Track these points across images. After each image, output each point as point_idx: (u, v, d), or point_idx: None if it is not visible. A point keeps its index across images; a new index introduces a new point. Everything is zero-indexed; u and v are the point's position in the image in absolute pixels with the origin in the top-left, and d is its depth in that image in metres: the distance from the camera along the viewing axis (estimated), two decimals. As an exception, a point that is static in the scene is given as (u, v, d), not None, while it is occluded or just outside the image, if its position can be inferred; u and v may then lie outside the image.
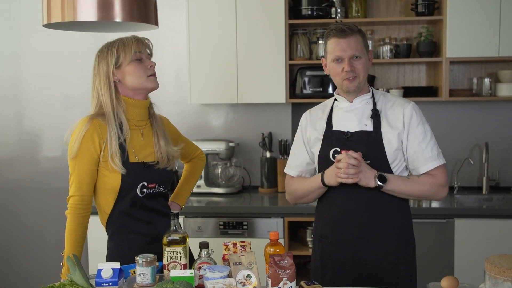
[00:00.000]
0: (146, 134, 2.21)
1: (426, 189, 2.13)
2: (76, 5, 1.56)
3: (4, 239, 4.24)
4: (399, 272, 2.15)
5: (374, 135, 2.14)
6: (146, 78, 2.15)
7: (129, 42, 2.10)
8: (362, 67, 2.14)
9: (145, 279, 1.86)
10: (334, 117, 2.24)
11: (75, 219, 2.10)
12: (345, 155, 2.05)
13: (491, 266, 1.56)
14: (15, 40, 4.15)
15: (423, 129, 2.16)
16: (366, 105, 2.20)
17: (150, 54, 2.20)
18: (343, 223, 2.17)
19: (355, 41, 2.12)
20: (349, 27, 2.12)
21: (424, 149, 2.14)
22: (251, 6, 3.63)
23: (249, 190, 4.01)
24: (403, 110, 2.16)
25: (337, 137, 2.19)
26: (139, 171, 2.14)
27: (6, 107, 4.21)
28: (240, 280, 1.84)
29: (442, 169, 2.16)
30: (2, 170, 4.25)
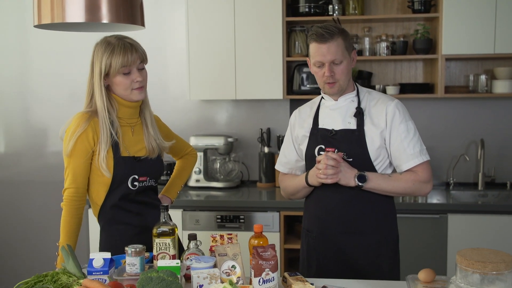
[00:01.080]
0: (136, 131, 2.28)
1: (408, 186, 2.17)
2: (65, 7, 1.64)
3: (10, 230, 4.36)
4: (381, 266, 2.21)
5: (357, 133, 2.19)
6: (130, 91, 2.20)
7: (118, 53, 2.12)
8: (342, 72, 2.16)
9: (134, 268, 1.94)
10: (321, 115, 2.29)
11: (70, 210, 2.18)
12: (324, 156, 2.11)
13: (461, 258, 1.62)
14: (22, 38, 4.25)
15: (405, 126, 2.17)
16: (350, 104, 2.24)
17: (143, 60, 2.21)
18: (327, 218, 2.24)
19: (335, 46, 2.13)
20: (329, 31, 2.12)
21: (406, 146, 2.16)
22: (249, 4, 3.69)
23: (247, 184, 4.08)
24: (386, 108, 2.18)
25: (322, 135, 2.25)
26: (130, 165, 2.22)
27: (13, 103, 4.31)
28: (225, 271, 1.91)
29: (425, 165, 2.19)
30: (9, 165, 4.36)
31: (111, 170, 2.18)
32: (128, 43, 2.15)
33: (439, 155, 3.96)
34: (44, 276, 1.91)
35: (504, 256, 1.61)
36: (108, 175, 2.17)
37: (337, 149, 2.19)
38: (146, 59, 2.22)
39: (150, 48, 4.00)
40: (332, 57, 2.13)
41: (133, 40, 2.19)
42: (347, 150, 2.18)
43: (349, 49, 2.19)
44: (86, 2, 1.64)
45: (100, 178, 2.19)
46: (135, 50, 2.15)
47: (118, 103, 2.22)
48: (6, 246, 4.37)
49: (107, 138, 2.16)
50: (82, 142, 2.15)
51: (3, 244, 4.37)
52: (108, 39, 2.17)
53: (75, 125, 2.16)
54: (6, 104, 4.31)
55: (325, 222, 2.24)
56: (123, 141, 2.23)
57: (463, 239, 3.37)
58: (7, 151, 4.35)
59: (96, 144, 2.16)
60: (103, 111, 2.17)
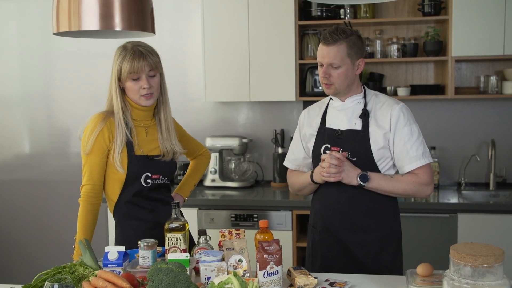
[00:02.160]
0: (150, 132, 2.39)
1: (409, 187, 2.23)
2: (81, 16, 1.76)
3: (35, 226, 4.53)
4: (383, 263, 2.29)
5: (361, 134, 2.26)
6: (139, 97, 2.30)
7: (128, 60, 2.23)
8: (338, 76, 2.23)
9: (146, 261, 2.06)
10: (328, 115, 2.38)
11: (86, 206, 2.32)
12: (328, 155, 2.20)
13: (454, 252, 1.69)
14: (46, 43, 4.41)
15: (409, 129, 2.24)
16: (357, 105, 2.32)
17: (153, 68, 2.28)
18: (330, 215, 2.34)
19: (335, 51, 2.21)
20: (333, 36, 2.21)
21: (409, 149, 2.23)
22: (262, 8, 3.80)
23: (261, 184, 4.18)
24: (391, 111, 2.25)
25: (329, 134, 2.34)
26: (143, 163, 2.34)
27: (37, 106, 4.47)
28: (232, 264, 2.01)
29: (426, 168, 2.25)
30: (33, 164, 4.53)
31: (125, 167, 2.30)
32: (139, 50, 2.24)
33: (451, 155, 4.01)
34: (63, 267, 2.02)
35: (495, 250, 1.68)
36: (122, 172, 2.29)
37: (342, 148, 2.28)
38: (157, 67, 2.30)
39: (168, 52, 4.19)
40: (330, 60, 2.22)
41: (147, 48, 2.28)
42: (351, 150, 2.27)
43: (354, 56, 2.25)
44: (101, 11, 1.77)
45: (115, 175, 2.32)
46: (143, 58, 2.24)
47: (131, 106, 2.34)
48: (31, 240, 4.54)
49: (122, 138, 2.28)
50: (98, 141, 2.27)
51: (29, 238, 4.54)
52: (125, 44, 2.29)
53: (92, 125, 2.29)
54: (31, 107, 4.47)
55: (329, 219, 2.34)
56: (137, 140, 2.34)
57: (473, 238, 3.41)
58: (31, 151, 4.52)
59: (112, 142, 2.28)
60: (119, 112, 2.29)
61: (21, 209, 4.54)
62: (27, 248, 4.56)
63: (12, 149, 4.54)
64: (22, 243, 4.56)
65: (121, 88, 2.32)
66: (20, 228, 4.55)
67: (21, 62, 4.46)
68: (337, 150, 2.28)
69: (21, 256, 4.57)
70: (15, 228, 4.56)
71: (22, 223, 4.55)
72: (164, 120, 2.41)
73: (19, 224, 4.55)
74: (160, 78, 2.35)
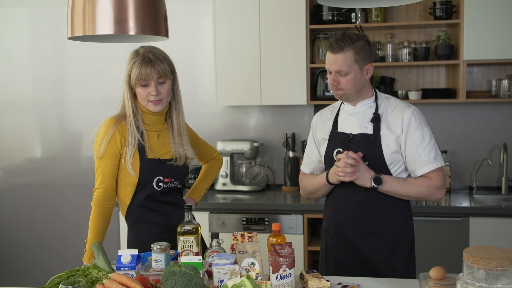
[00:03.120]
0: (162, 136, 2.40)
1: (422, 191, 2.24)
2: (95, 21, 1.78)
3: (46, 230, 4.55)
4: (396, 266, 2.29)
5: (373, 138, 2.27)
6: (147, 102, 2.32)
7: (137, 66, 2.24)
8: (347, 83, 2.25)
9: (159, 264, 2.07)
10: (340, 119, 2.39)
11: (98, 209, 2.33)
12: (344, 155, 2.21)
13: (468, 255, 1.69)
14: (58, 47, 4.44)
15: (421, 133, 2.24)
16: (368, 109, 2.33)
17: (161, 76, 2.27)
18: (343, 218, 2.34)
19: (342, 58, 2.22)
20: (339, 43, 2.22)
21: (421, 153, 2.23)
22: (274, 12, 3.81)
23: (272, 188, 4.19)
24: (402, 115, 2.26)
25: (341, 139, 2.35)
26: (156, 167, 2.35)
27: (49, 110, 4.50)
28: (244, 267, 2.01)
29: (438, 172, 2.26)
30: (45, 168, 4.56)
31: (137, 170, 2.31)
32: (148, 57, 2.25)
33: (462, 159, 4.00)
34: (76, 270, 2.04)
35: (509, 253, 1.67)
36: (134, 175, 2.30)
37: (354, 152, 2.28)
38: (166, 75, 2.29)
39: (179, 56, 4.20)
40: (338, 68, 2.24)
41: (158, 55, 2.28)
42: (363, 154, 2.27)
43: (362, 61, 2.25)
44: (115, 16, 1.78)
45: (127, 178, 2.33)
46: (151, 65, 2.24)
47: (142, 111, 2.36)
48: (43, 244, 4.57)
49: (134, 141, 2.30)
50: (110, 145, 2.29)
51: (40, 242, 4.57)
52: (138, 49, 2.30)
53: (105, 129, 2.30)
54: (43, 111, 4.51)
55: (341, 222, 2.34)
56: (149, 144, 2.35)
57: (485, 242, 3.39)
58: (43, 155, 4.55)
59: (124, 146, 2.30)
60: (131, 116, 2.31)
61: (32, 213, 4.57)
62: (38, 252, 4.59)
63: (24, 153, 4.57)
64: (33, 246, 4.59)
65: (133, 92, 2.34)
66: (31, 231, 4.58)
67: (33, 67, 4.49)
68: None
69: (32, 259, 4.60)
70: (26, 231, 4.59)
71: (33, 226, 4.58)
72: (177, 125, 2.41)
73: (30, 228, 4.58)
74: (171, 84, 2.35)
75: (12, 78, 4.52)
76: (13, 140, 4.57)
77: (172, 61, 2.35)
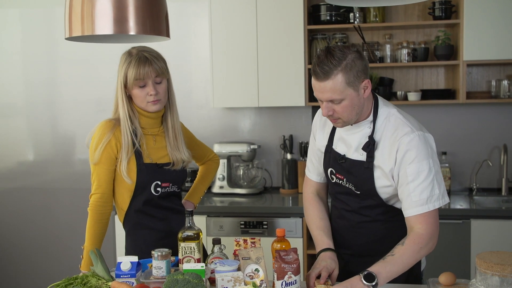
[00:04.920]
0: (158, 140, 2.33)
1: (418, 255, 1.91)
2: (94, 20, 1.72)
3: (40, 235, 4.47)
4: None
5: (365, 166, 2.00)
6: (146, 103, 2.24)
7: (133, 66, 2.17)
8: (343, 110, 1.93)
9: (160, 271, 2.01)
10: (336, 135, 2.13)
11: (94, 215, 2.26)
12: None
13: (481, 261, 1.64)
14: (50, 49, 4.37)
15: (416, 168, 1.90)
16: (366, 130, 2.03)
17: (159, 74, 2.22)
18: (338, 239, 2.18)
19: (331, 86, 1.87)
20: (323, 68, 1.87)
21: (411, 191, 1.90)
22: (271, 13, 3.76)
23: (270, 191, 4.13)
24: (399, 144, 1.93)
25: (334, 158, 2.11)
26: (153, 171, 2.28)
27: (41, 112, 4.43)
28: (248, 274, 1.96)
29: (429, 216, 1.91)
30: (37, 172, 4.49)
31: (133, 176, 2.24)
32: (144, 56, 2.18)
33: (462, 161, 3.96)
34: (74, 278, 1.98)
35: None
36: (129, 182, 2.24)
37: (345, 178, 2.07)
38: (163, 73, 2.24)
39: (174, 57, 4.14)
40: (328, 97, 1.91)
41: (153, 53, 2.22)
42: (354, 182, 2.04)
43: (355, 81, 1.90)
44: (114, 15, 1.72)
45: (124, 183, 2.26)
46: (149, 64, 2.18)
47: (138, 113, 2.28)
48: (36, 250, 4.49)
49: (128, 147, 2.22)
50: (106, 150, 2.22)
51: (34, 248, 4.49)
52: (130, 50, 2.23)
53: (100, 133, 2.23)
54: (35, 113, 4.43)
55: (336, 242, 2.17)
56: (146, 148, 2.28)
57: (487, 244, 3.36)
58: (36, 158, 4.48)
59: (119, 151, 2.23)
60: (125, 120, 2.24)
61: (25, 217, 4.49)
62: (32, 257, 4.51)
63: (16, 157, 4.49)
64: (27, 251, 4.51)
65: (127, 95, 2.26)
66: (24, 235, 4.50)
67: (25, 68, 4.42)
68: (341, 178, 2.09)
69: (25, 264, 4.52)
70: (19, 235, 4.50)
71: (27, 230, 4.50)
72: (172, 127, 2.34)
73: (23, 232, 4.50)
74: (167, 84, 2.29)
75: (4, 80, 4.44)
76: (5, 143, 4.49)
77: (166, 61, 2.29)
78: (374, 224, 2.08)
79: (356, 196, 2.07)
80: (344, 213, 2.14)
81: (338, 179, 2.11)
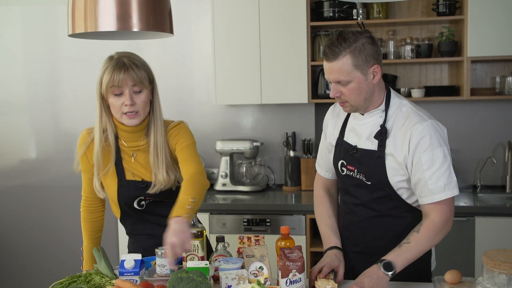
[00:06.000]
0: (138, 158, 2.17)
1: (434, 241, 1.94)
2: (97, 17, 1.70)
3: (42, 234, 4.46)
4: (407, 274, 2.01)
5: (377, 156, 1.99)
6: (121, 115, 2.07)
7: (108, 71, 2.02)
8: (351, 92, 1.94)
9: (164, 269, 1.99)
10: (348, 126, 2.13)
11: (84, 215, 2.29)
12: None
13: (488, 259, 1.63)
14: (52, 47, 4.35)
15: (430, 156, 1.90)
16: (377, 119, 2.03)
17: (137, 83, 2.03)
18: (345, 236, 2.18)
19: (339, 66, 1.91)
20: (333, 49, 1.91)
21: (427, 179, 1.90)
22: (274, 9, 3.74)
23: (273, 188, 4.12)
24: (411, 132, 1.93)
25: (345, 149, 2.10)
26: (134, 188, 2.17)
27: (43, 110, 4.42)
28: (252, 272, 1.95)
29: (445, 204, 1.93)
30: (39, 170, 4.47)
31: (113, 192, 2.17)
32: (122, 61, 2.03)
33: (466, 157, 3.94)
34: (78, 276, 1.98)
35: (530, 257, 1.61)
36: (101, 196, 2.21)
37: (356, 168, 2.06)
38: (142, 82, 2.04)
39: (176, 54, 4.13)
40: (335, 78, 1.94)
41: (135, 61, 2.05)
42: (365, 172, 2.03)
43: (364, 65, 1.92)
44: (118, 12, 1.70)
45: (109, 195, 2.22)
46: (125, 70, 2.01)
47: (115, 126, 2.14)
48: (38, 247, 4.48)
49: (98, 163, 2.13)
50: (83, 161, 2.21)
51: (36, 246, 4.48)
52: (113, 54, 2.09)
53: (79, 143, 2.21)
54: (37, 111, 4.42)
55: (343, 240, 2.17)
56: (127, 163, 2.17)
57: (491, 242, 3.34)
58: (37, 157, 4.46)
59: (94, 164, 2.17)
60: (100, 133, 2.11)
61: (27, 215, 4.48)
62: (34, 255, 4.50)
63: (18, 155, 4.48)
64: (29, 249, 4.50)
65: (106, 105, 2.09)
66: (26, 234, 4.49)
67: (27, 66, 4.40)
68: (353, 170, 2.07)
69: (27, 262, 4.51)
70: (21, 234, 4.50)
71: (28, 229, 4.49)
72: (154, 144, 2.10)
73: (25, 230, 4.49)
74: (149, 95, 2.09)
75: (6, 78, 4.42)
76: (7, 141, 4.48)
77: (151, 70, 2.11)
78: (384, 219, 2.06)
79: (366, 188, 2.05)
80: (353, 208, 2.12)
81: (349, 170, 2.09)
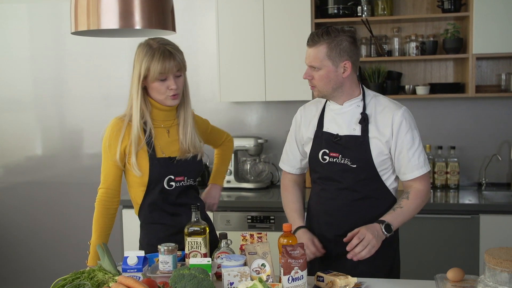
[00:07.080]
0: (172, 133, 2.32)
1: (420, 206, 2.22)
2: (100, 15, 1.71)
3: (47, 230, 4.49)
4: (378, 268, 2.20)
5: (361, 140, 2.19)
6: (165, 97, 2.24)
7: (157, 60, 2.16)
8: (319, 79, 2.16)
9: (167, 266, 2.00)
10: (326, 118, 2.28)
11: (100, 210, 2.27)
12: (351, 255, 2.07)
13: (490, 257, 1.63)
14: (58, 43, 4.37)
15: (411, 136, 2.18)
16: (356, 109, 2.23)
17: (180, 68, 2.23)
18: (326, 221, 2.28)
19: (315, 52, 2.15)
20: (314, 37, 2.15)
21: (411, 157, 2.17)
22: (278, 6, 3.74)
23: (277, 185, 4.12)
24: (393, 117, 2.18)
25: (326, 139, 2.25)
26: (166, 165, 2.26)
27: (49, 107, 4.44)
28: (254, 269, 1.95)
29: (426, 177, 2.23)
30: (45, 166, 4.50)
31: (145, 171, 2.23)
32: (168, 50, 2.18)
33: (471, 155, 3.93)
34: (81, 273, 1.98)
35: (532, 255, 1.61)
36: (138, 174, 2.23)
37: (340, 154, 2.21)
38: (184, 67, 2.25)
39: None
40: (309, 62, 2.18)
41: (174, 47, 2.22)
42: (351, 156, 2.19)
43: (336, 58, 2.14)
44: (120, 10, 1.71)
45: (137, 178, 2.25)
46: (173, 58, 2.18)
47: (152, 106, 2.27)
48: (44, 244, 4.51)
49: (138, 141, 2.21)
50: (114, 145, 2.22)
51: (42, 242, 4.51)
52: (150, 42, 2.19)
53: (110, 129, 2.24)
54: (43, 108, 4.44)
55: (324, 225, 2.28)
56: (159, 142, 2.27)
57: (496, 239, 3.33)
58: (43, 153, 4.49)
59: (127, 146, 2.22)
60: (137, 114, 2.22)
61: (33, 212, 4.51)
62: (38, 251, 4.53)
63: (25, 152, 4.51)
64: (34, 246, 4.53)
65: (143, 87, 2.24)
66: (32, 230, 4.52)
67: (33, 63, 4.42)
68: (336, 156, 2.22)
69: (32, 259, 4.54)
70: (27, 230, 4.52)
71: (34, 225, 4.51)
72: (184, 120, 2.33)
73: (31, 227, 4.52)
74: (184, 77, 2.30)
75: (12, 75, 4.45)
76: (13, 138, 4.50)
77: None
78: (366, 202, 2.22)
79: (352, 171, 2.21)
80: (337, 192, 2.24)
81: (332, 158, 2.24)
